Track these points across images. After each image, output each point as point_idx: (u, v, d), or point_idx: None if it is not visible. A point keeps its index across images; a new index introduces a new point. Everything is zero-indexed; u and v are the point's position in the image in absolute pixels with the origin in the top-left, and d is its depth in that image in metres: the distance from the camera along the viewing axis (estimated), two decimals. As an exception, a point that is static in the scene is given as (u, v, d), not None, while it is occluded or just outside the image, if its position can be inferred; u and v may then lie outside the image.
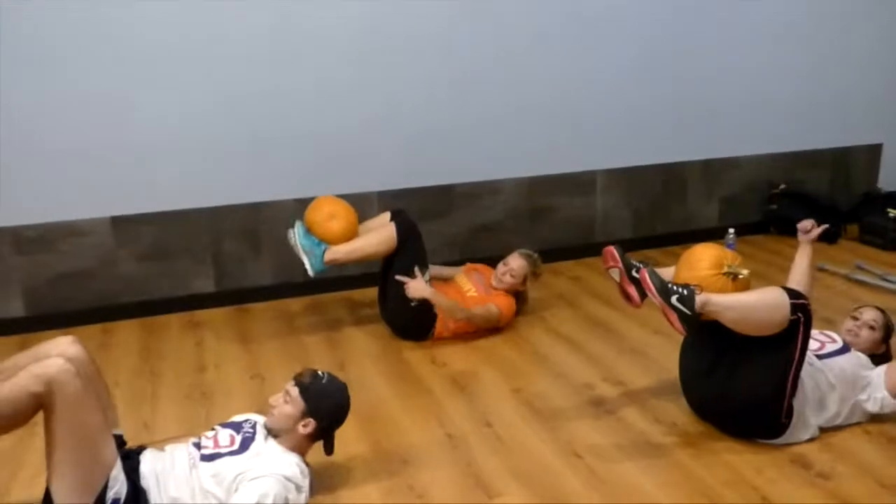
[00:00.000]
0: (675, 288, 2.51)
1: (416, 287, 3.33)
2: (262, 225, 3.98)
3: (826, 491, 2.39)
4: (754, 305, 2.51)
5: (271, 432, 2.31)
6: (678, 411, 2.87)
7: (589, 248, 4.54)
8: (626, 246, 4.60)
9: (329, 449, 2.40)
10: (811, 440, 2.65)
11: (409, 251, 3.41)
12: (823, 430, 2.69)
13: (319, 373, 2.38)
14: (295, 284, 4.06)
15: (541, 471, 2.52)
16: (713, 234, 4.72)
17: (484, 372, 3.24)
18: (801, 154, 5.11)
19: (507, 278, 3.67)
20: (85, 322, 3.73)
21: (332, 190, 3.98)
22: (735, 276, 2.59)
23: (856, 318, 2.93)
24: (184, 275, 3.93)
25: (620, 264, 2.63)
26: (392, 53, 4.03)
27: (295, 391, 2.31)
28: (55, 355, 2.09)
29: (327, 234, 3.42)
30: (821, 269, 4.33)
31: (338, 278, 4.04)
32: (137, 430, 2.77)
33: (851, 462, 2.54)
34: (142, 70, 3.65)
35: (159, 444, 2.36)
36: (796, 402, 2.59)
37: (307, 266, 3.37)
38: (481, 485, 2.45)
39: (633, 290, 2.60)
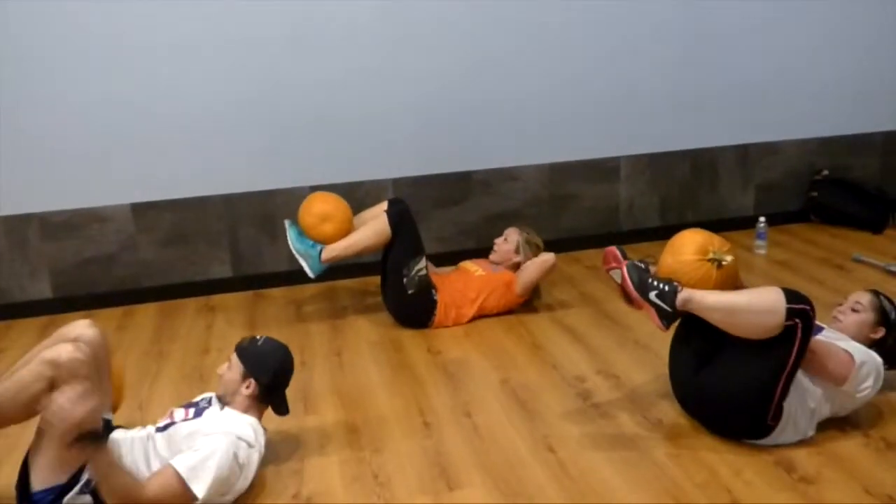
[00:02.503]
0: (654, 283, 2.43)
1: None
2: (278, 211, 4.04)
3: (805, 496, 2.27)
4: (742, 308, 2.37)
5: (222, 400, 2.41)
6: (667, 408, 2.77)
7: (614, 237, 4.41)
8: (654, 235, 4.49)
9: (280, 409, 2.45)
10: (802, 442, 2.51)
11: (403, 240, 3.41)
12: (820, 425, 2.54)
13: (257, 337, 2.50)
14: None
15: (509, 464, 2.48)
16: (748, 223, 4.53)
17: (476, 361, 3.22)
18: (846, 138, 4.81)
19: (502, 245, 3.74)
20: (108, 305, 3.90)
21: (347, 177, 4.05)
22: (719, 263, 2.48)
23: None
24: (201, 260, 4.04)
25: (623, 265, 2.54)
26: (409, 40, 4.02)
27: (234, 357, 2.42)
28: (72, 338, 2.23)
29: (321, 237, 3.45)
30: (856, 261, 4.08)
31: (353, 265, 4.06)
32: (132, 410, 2.88)
33: (841, 467, 2.40)
34: (162, 63, 3.76)
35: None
36: (787, 404, 2.45)
37: (306, 269, 3.42)
38: (445, 475, 2.43)
39: (634, 292, 2.52)
